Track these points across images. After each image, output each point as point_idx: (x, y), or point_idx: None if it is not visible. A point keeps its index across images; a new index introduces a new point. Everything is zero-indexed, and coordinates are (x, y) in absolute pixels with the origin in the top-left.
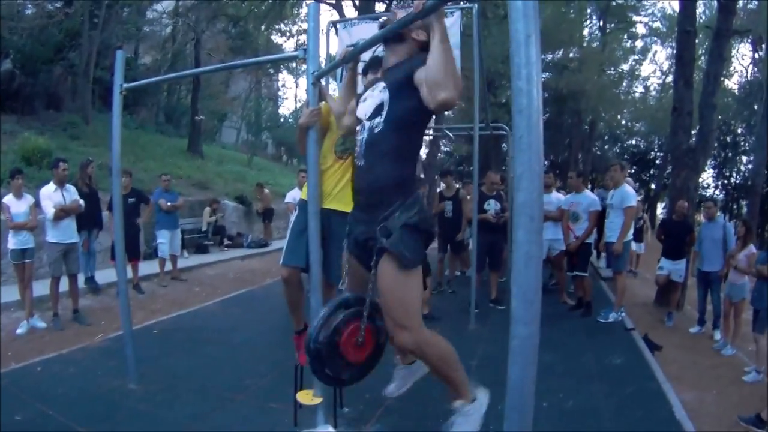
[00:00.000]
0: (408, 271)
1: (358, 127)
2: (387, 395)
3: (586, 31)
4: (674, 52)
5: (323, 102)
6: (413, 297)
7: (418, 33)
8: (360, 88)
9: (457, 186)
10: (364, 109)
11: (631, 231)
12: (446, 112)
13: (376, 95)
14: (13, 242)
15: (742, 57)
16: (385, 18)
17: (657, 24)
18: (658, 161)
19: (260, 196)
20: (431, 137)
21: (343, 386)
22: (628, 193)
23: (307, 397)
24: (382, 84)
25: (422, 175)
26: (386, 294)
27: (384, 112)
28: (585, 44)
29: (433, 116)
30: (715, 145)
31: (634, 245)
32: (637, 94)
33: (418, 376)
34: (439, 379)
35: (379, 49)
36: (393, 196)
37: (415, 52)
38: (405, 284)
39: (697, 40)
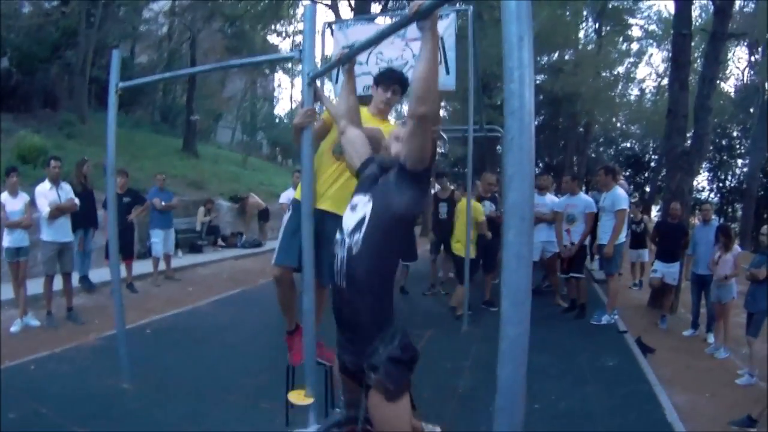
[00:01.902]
0: (396, 401)
1: (338, 239)
2: None
3: (581, 34)
4: (670, 54)
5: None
6: (403, 421)
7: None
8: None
9: (452, 188)
10: (348, 221)
11: (624, 233)
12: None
13: (360, 207)
14: (7, 240)
15: (738, 60)
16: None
17: (653, 27)
18: (653, 164)
19: (247, 205)
20: None
21: None
22: (620, 196)
23: (298, 397)
24: (368, 195)
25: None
26: (379, 424)
27: (363, 228)
28: (580, 47)
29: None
30: (710, 148)
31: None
32: (632, 97)
33: None
34: None
35: (382, 56)
36: (372, 331)
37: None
38: (395, 413)
39: (692, 43)
